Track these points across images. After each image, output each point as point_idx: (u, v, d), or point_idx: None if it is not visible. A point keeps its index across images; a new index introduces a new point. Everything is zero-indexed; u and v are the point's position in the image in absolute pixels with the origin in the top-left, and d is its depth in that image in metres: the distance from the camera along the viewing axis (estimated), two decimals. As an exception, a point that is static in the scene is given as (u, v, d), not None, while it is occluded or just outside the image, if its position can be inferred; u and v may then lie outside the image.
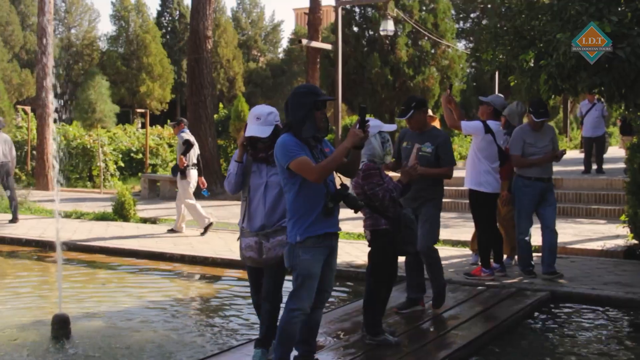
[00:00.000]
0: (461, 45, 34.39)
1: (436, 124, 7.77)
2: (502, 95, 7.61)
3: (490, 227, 7.18)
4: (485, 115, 7.18)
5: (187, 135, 10.79)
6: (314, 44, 18.45)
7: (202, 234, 10.66)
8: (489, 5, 30.13)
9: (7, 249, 10.24)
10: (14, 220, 11.99)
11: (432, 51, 24.90)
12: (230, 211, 13.85)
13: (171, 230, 10.98)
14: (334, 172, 4.38)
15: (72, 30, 48.08)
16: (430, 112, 6.91)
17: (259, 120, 4.53)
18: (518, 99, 9.37)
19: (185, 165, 10.54)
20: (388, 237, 4.96)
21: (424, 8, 24.99)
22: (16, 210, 12.12)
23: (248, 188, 4.70)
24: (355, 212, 4.49)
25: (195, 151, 10.75)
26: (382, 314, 5.17)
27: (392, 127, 5.11)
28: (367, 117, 4.21)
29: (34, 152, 19.92)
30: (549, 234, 7.24)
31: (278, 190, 4.54)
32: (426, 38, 24.45)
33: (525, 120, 7.67)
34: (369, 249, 5.18)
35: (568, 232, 8.07)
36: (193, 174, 10.76)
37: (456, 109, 7.00)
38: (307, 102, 4.18)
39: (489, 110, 7.15)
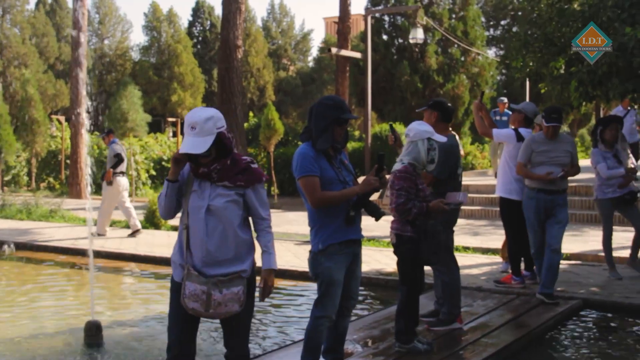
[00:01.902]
0: (491, 52, 34.19)
1: None
2: (532, 103, 7.53)
3: (520, 235, 7.10)
4: (516, 122, 7.13)
5: (119, 148, 11.51)
6: (344, 52, 18.49)
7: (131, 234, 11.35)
8: (519, 13, 29.85)
9: (41, 256, 10.41)
10: None
11: (462, 59, 24.78)
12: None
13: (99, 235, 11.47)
14: (356, 179, 4.40)
15: (106, 41, 48.87)
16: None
17: (194, 130, 3.55)
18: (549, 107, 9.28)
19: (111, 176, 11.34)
20: (412, 245, 4.88)
21: (454, 16, 24.90)
22: None
23: (187, 212, 3.72)
24: (377, 220, 4.48)
25: (125, 162, 11.63)
26: (415, 322, 5.08)
27: (442, 138, 4.96)
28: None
29: (68, 161, 20.27)
30: (549, 253, 6.66)
31: (227, 216, 3.63)
32: (456, 46, 24.34)
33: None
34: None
35: (600, 240, 7.96)
36: (122, 181, 11.52)
37: (487, 117, 6.97)
38: (330, 116, 4.19)
39: (520, 118, 7.10)
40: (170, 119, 24.03)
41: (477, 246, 9.79)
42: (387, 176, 4.20)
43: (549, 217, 6.69)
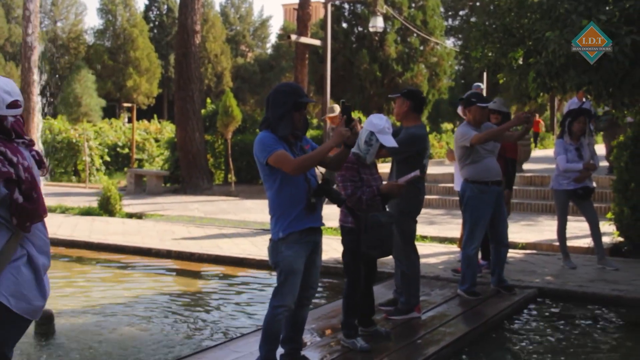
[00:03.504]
0: (450, 42, 34.51)
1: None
2: (500, 99, 7.61)
3: None
4: (494, 120, 7.25)
5: None
6: (303, 39, 18.39)
7: None
8: (478, 3, 30.22)
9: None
10: None
11: (421, 48, 24.95)
12: (217, 206, 13.81)
13: None
14: (316, 167, 4.35)
15: (58, 24, 47.78)
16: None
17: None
18: (506, 97, 9.39)
19: None
20: (352, 236, 4.85)
21: (413, 5, 25.04)
22: None
23: None
24: (339, 206, 4.45)
25: None
26: (354, 315, 4.99)
27: (391, 143, 4.88)
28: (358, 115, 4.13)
29: (19, 145, 19.75)
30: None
31: None
32: (415, 35, 24.49)
33: None
34: None
35: (555, 229, 8.11)
36: None
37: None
38: (287, 102, 4.14)
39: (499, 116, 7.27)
40: (125, 104, 23.60)
41: (435, 235, 9.87)
42: (359, 126, 4.09)
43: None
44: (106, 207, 12.34)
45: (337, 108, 7.68)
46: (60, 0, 48.11)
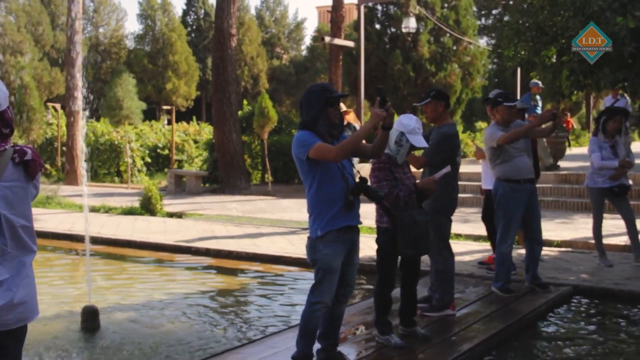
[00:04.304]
0: (483, 41, 34.19)
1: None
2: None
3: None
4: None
5: None
6: (337, 41, 18.51)
7: None
8: (511, 2, 29.91)
9: (38, 242, 10.43)
10: None
11: (454, 48, 24.82)
12: (255, 205, 14.00)
13: None
14: (354, 167, 4.46)
15: (100, 29, 48.69)
16: (343, 107, 6.62)
17: None
18: (540, 95, 9.38)
19: None
20: (388, 236, 4.87)
21: (446, 5, 24.92)
22: None
23: None
24: (377, 203, 4.51)
25: None
26: (386, 312, 5.03)
27: (421, 144, 4.92)
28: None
29: (64, 148, 20.29)
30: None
31: None
32: (448, 35, 24.39)
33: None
34: None
35: (590, 227, 8.07)
36: None
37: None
38: (320, 100, 4.23)
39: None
40: (165, 107, 24.06)
41: (469, 233, 9.89)
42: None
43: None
44: (147, 207, 12.62)
45: (343, 106, 7.80)
46: (102, 6, 49.04)
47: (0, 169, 2.65)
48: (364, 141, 4.34)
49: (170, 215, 12.59)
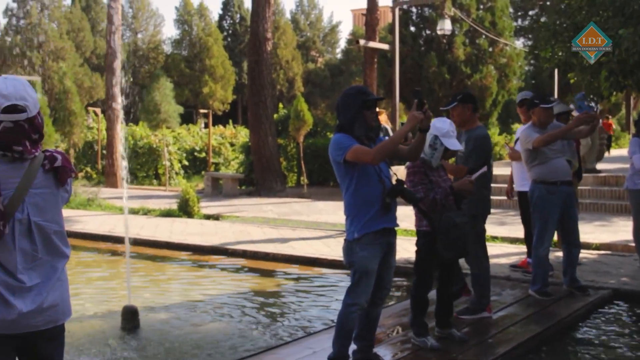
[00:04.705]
0: (519, 43, 33.83)
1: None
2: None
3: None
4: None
5: None
6: (372, 44, 18.51)
7: None
8: (548, 2, 29.51)
9: (79, 244, 10.70)
10: None
11: (490, 49, 24.59)
12: (290, 208, 14.08)
13: None
14: (390, 169, 4.49)
15: (139, 35, 49.44)
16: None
17: None
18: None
19: None
20: (427, 239, 4.86)
21: (482, 6, 24.71)
22: None
23: None
24: (414, 206, 4.51)
25: None
26: (423, 313, 5.03)
27: (456, 146, 4.91)
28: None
29: (104, 151, 20.68)
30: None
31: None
32: (484, 36, 24.19)
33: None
34: None
35: (630, 230, 7.95)
36: None
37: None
38: (356, 102, 4.25)
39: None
40: (202, 111, 24.37)
41: (506, 236, 9.83)
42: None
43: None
44: (185, 209, 12.78)
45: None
46: (141, 12, 49.80)
47: (30, 176, 2.65)
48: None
49: (207, 217, 12.73)
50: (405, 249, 8.82)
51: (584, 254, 7.58)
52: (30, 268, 2.66)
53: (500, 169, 16.12)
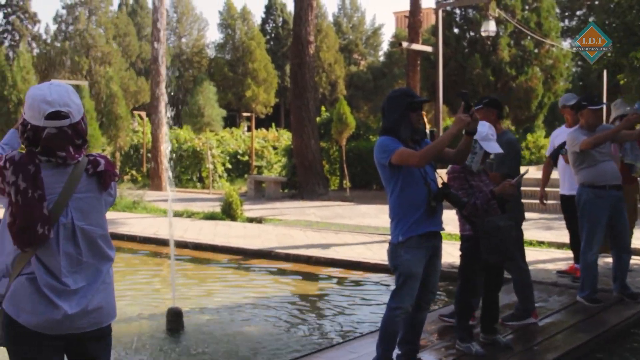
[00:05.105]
0: (566, 43, 33.15)
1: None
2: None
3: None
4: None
5: None
6: (415, 46, 18.42)
7: None
8: (597, 2, 28.91)
9: (125, 246, 10.87)
10: None
11: (536, 51, 24.20)
12: (333, 211, 14.07)
13: None
14: (436, 172, 4.44)
15: (183, 39, 50.16)
16: None
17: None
18: (628, 98, 9.03)
19: None
20: (471, 243, 4.80)
21: (527, 7, 24.34)
22: None
23: None
24: (460, 209, 4.46)
25: None
26: (468, 319, 4.97)
27: (495, 149, 4.85)
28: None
29: (149, 154, 21.00)
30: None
31: None
32: (529, 37, 23.81)
33: None
34: None
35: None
36: None
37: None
38: (401, 104, 4.23)
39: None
40: (244, 114, 24.61)
41: (552, 241, 9.65)
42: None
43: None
44: (228, 212, 12.88)
45: None
46: (185, 17, 50.54)
47: (74, 181, 2.67)
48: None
49: (250, 220, 12.80)
50: (450, 253, 8.73)
51: (635, 260, 7.38)
52: (75, 271, 2.69)
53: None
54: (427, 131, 4.20)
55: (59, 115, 2.63)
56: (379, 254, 8.75)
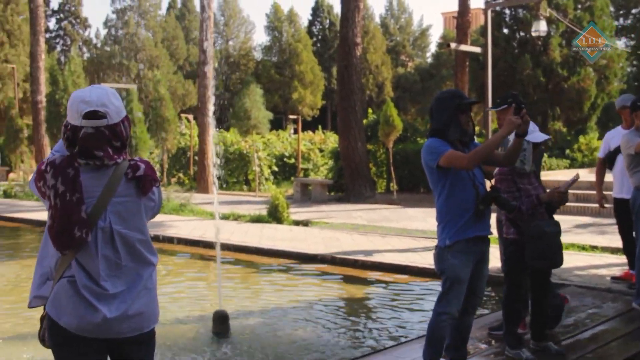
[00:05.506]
0: (621, 43, 32.35)
1: None
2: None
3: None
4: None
5: None
6: (463, 47, 18.18)
7: None
8: (654, -1, 28.07)
9: (172, 248, 10.99)
10: None
11: (589, 50, 23.66)
12: (380, 214, 13.98)
13: None
14: (484, 176, 4.34)
15: (230, 42, 50.66)
16: None
17: None
18: None
19: None
20: (515, 247, 4.71)
21: (579, 6, 23.82)
22: None
23: None
24: (509, 213, 4.37)
25: None
26: (516, 325, 4.88)
27: (542, 137, 4.79)
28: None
29: (196, 157, 21.23)
30: None
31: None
32: (582, 37, 23.29)
33: None
34: None
35: None
36: None
37: None
38: (450, 106, 4.17)
39: None
40: (291, 116, 24.67)
41: (606, 245, 9.38)
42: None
43: None
44: (274, 215, 12.91)
45: None
46: (232, 20, 51.04)
47: (113, 185, 2.66)
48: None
49: (297, 223, 12.81)
50: (497, 257, 8.55)
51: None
52: (115, 275, 2.69)
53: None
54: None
55: (96, 115, 2.64)
56: (427, 258, 8.64)
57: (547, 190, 4.95)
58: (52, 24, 49.31)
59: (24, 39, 33.98)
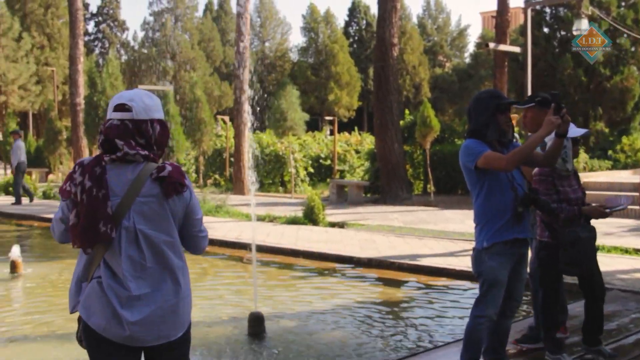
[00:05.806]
0: (667, 40, 31.58)
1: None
2: None
3: None
4: None
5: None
6: (502, 47, 17.92)
7: None
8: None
9: (208, 249, 10.96)
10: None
11: (632, 49, 23.13)
12: (416, 216, 13.86)
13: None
14: (524, 177, 4.24)
15: (266, 43, 50.95)
16: None
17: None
18: None
19: None
20: (549, 251, 4.60)
21: (623, 3, 23.32)
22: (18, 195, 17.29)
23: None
24: (548, 216, 4.27)
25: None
26: (554, 329, 4.76)
27: (578, 132, 4.69)
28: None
29: (232, 159, 21.33)
30: None
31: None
32: (625, 35, 22.78)
33: None
34: None
35: None
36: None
37: None
38: (489, 106, 4.10)
39: None
40: (327, 118, 24.67)
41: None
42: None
43: None
44: (310, 216, 12.89)
45: None
46: (268, 21, 51.33)
47: (138, 184, 2.66)
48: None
49: (332, 225, 12.75)
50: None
51: None
52: (139, 277, 2.67)
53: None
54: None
55: (123, 108, 2.71)
56: (464, 261, 8.52)
57: (585, 192, 4.82)
58: (90, 26, 50.31)
59: (64, 42, 34.66)
